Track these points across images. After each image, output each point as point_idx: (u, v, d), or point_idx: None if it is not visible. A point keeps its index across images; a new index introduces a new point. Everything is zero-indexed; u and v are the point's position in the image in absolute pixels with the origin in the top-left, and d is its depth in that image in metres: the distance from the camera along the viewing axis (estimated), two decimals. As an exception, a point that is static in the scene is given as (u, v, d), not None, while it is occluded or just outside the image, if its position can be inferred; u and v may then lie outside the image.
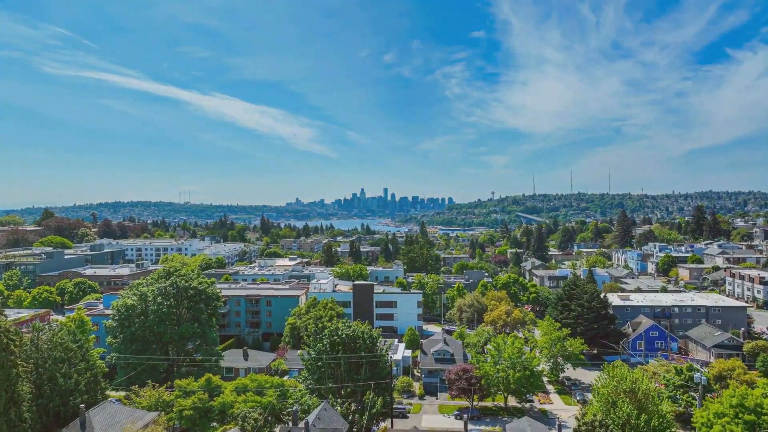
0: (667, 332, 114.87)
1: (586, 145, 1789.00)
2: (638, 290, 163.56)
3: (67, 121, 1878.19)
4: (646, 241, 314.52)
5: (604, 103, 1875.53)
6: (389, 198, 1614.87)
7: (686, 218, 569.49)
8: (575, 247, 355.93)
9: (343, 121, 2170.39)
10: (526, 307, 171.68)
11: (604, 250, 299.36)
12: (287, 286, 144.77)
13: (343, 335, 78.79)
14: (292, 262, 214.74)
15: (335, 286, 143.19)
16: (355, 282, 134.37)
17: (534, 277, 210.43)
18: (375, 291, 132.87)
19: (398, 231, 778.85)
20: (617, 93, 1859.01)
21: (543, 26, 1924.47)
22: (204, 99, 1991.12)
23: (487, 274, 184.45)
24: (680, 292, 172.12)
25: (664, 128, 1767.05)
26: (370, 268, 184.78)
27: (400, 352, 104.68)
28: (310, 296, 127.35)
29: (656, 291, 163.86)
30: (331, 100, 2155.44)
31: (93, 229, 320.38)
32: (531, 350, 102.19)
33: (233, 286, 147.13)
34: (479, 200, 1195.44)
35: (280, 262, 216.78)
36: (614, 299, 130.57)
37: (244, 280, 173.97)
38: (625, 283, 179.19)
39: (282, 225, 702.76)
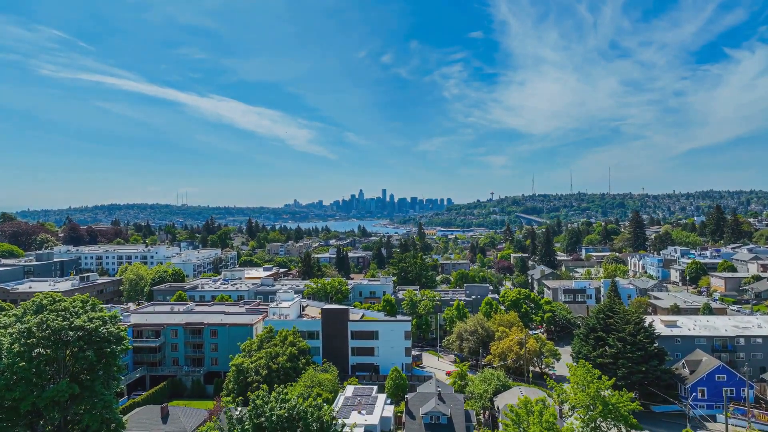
0: (743, 378, 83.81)
1: (585, 145, 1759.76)
2: (676, 309, 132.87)
3: (64, 123, 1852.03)
4: (662, 245, 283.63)
5: (602, 103, 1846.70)
6: (388, 199, 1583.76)
7: (695, 218, 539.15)
8: (583, 251, 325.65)
9: (341, 122, 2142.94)
10: (539, 328, 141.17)
11: (617, 254, 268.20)
12: (244, 309, 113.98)
13: (274, 417, 48.25)
14: (266, 273, 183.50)
15: (303, 308, 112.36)
16: (325, 306, 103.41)
17: (545, 289, 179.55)
18: (352, 318, 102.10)
19: (396, 233, 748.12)
20: (615, 93, 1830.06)
21: (541, 26, 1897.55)
22: (201, 101, 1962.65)
23: (491, 288, 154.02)
24: (722, 309, 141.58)
25: (662, 128, 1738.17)
26: (353, 282, 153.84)
27: (378, 410, 73.77)
28: (267, 324, 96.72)
29: (697, 309, 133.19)
30: (329, 102, 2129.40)
31: (60, 234, 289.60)
32: (561, 412, 71.78)
33: (176, 308, 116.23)
34: (478, 201, 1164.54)
35: (253, 272, 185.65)
36: (657, 325, 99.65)
37: (202, 297, 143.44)
38: (657, 298, 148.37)
39: (278, 227, 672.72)
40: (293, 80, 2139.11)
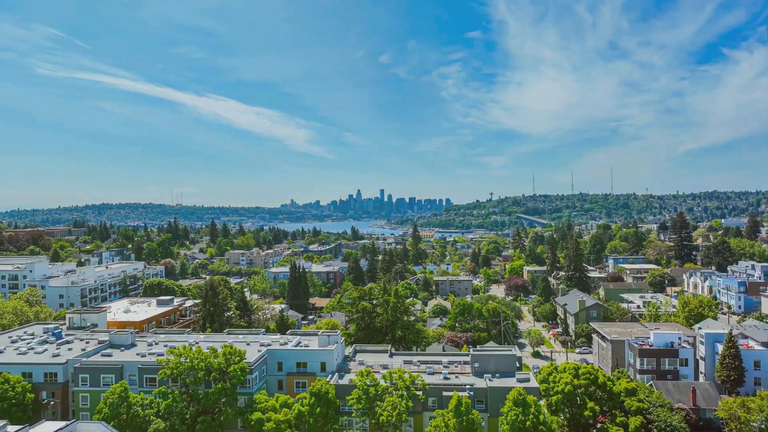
0: None
1: (584, 146, 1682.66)
2: None
3: (61, 122, 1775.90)
4: (718, 257, 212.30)
5: (600, 104, 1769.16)
6: (386, 199, 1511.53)
7: (722, 221, 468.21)
8: (610, 261, 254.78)
9: (339, 122, 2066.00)
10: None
11: (666, 271, 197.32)
12: None
13: None
14: (160, 310, 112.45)
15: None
16: None
17: (598, 341, 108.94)
18: None
19: (392, 234, 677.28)
20: (614, 93, 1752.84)
21: (539, 26, 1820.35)
22: (199, 100, 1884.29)
23: (517, 356, 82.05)
24: None
25: (661, 128, 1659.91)
26: (274, 340, 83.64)
27: None
28: None
29: None
30: (327, 102, 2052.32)
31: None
32: None
33: None
34: (478, 201, 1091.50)
35: (139, 310, 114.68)
36: None
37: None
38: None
39: (266, 227, 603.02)
40: (291, 80, 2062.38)
